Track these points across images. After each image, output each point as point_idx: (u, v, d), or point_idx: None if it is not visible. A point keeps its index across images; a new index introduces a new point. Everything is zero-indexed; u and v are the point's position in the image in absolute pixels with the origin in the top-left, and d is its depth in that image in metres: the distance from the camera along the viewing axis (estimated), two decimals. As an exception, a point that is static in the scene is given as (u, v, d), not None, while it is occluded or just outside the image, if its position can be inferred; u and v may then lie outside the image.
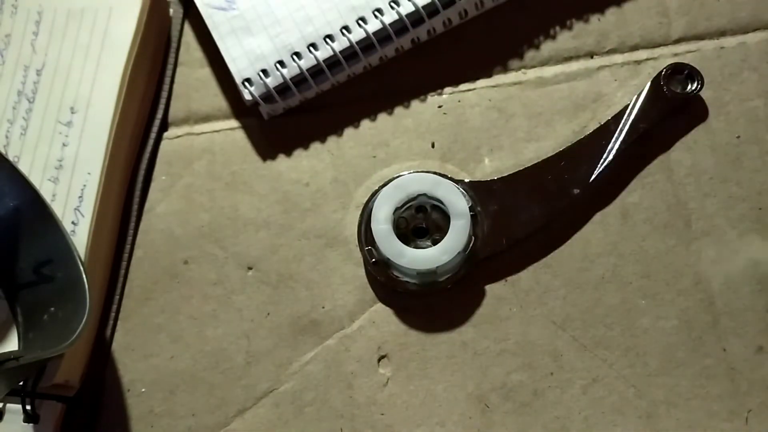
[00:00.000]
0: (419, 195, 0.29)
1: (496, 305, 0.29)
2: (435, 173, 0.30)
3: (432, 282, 0.29)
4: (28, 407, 0.28)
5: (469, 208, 0.29)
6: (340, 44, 0.31)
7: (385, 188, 0.29)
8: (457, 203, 0.28)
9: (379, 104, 0.33)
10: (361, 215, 0.30)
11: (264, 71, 0.31)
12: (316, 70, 0.31)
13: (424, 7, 0.31)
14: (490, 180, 0.30)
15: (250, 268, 0.31)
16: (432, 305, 0.30)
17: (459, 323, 0.29)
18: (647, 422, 0.28)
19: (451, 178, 0.29)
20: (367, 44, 0.32)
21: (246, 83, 0.31)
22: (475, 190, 0.30)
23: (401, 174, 0.30)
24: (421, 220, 0.30)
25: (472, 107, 0.32)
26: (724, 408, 0.28)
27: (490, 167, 0.31)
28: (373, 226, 0.29)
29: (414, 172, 0.30)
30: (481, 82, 0.32)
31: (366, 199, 0.30)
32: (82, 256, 0.29)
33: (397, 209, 0.29)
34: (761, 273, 0.29)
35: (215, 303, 0.31)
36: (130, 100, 0.32)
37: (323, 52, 0.31)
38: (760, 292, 0.29)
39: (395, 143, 0.32)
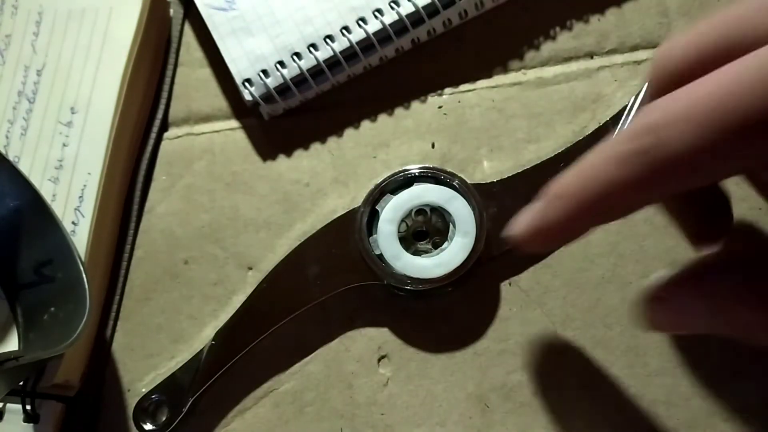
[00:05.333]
0: (428, 204, 0.29)
1: (496, 305, 0.29)
2: (446, 182, 0.29)
3: (431, 284, 0.29)
4: (28, 407, 0.28)
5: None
6: (340, 44, 0.31)
7: (398, 195, 0.29)
8: (466, 221, 0.28)
9: (379, 105, 0.33)
10: (361, 215, 0.30)
11: (264, 71, 0.31)
12: (316, 71, 0.32)
13: (424, 7, 0.31)
14: (490, 182, 0.30)
15: (250, 269, 0.31)
16: (432, 305, 0.30)
17: (459, 323, 0.29)
18: (648, 422, 0.28)
19: (458, 189, 0.29)
20: (367, 44, 0.32)
21: (246, 83, 0.31)
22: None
23: (408, 171, 0.30)
24: (421, 223, 0.30)
25: (472, 108, 0.32)
26: (725, 407, 0.28)
27: (490, 168, 0.31)
28: (380, 226, 0.29)
29: (425, 175, 0.29)
30: (481, 83, 0.32)
31: (368, 199, 0.30)
32: (83, 256, 0.29)
33: (402, 214, 0.29)
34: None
35: (215, 303, 0.31)
36: (130, 101, 0.32)
37: (323, 53, 0.31)
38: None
39: (395, 144, 0.32)
